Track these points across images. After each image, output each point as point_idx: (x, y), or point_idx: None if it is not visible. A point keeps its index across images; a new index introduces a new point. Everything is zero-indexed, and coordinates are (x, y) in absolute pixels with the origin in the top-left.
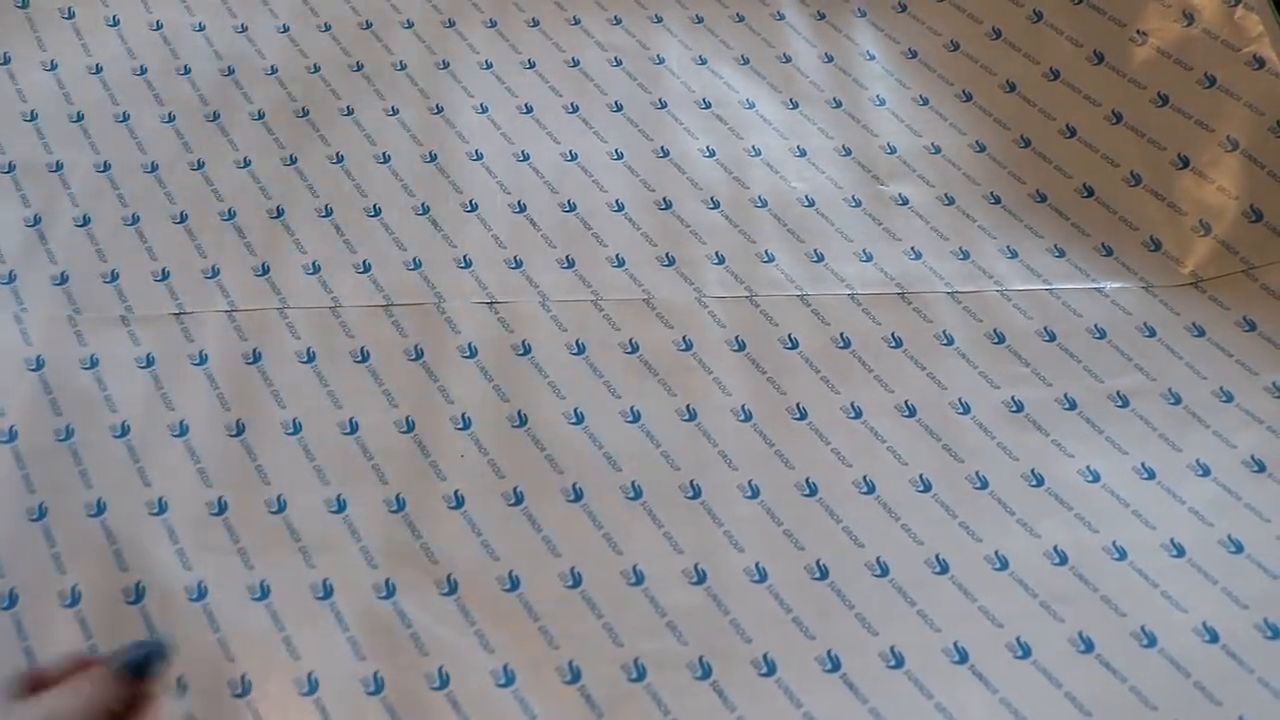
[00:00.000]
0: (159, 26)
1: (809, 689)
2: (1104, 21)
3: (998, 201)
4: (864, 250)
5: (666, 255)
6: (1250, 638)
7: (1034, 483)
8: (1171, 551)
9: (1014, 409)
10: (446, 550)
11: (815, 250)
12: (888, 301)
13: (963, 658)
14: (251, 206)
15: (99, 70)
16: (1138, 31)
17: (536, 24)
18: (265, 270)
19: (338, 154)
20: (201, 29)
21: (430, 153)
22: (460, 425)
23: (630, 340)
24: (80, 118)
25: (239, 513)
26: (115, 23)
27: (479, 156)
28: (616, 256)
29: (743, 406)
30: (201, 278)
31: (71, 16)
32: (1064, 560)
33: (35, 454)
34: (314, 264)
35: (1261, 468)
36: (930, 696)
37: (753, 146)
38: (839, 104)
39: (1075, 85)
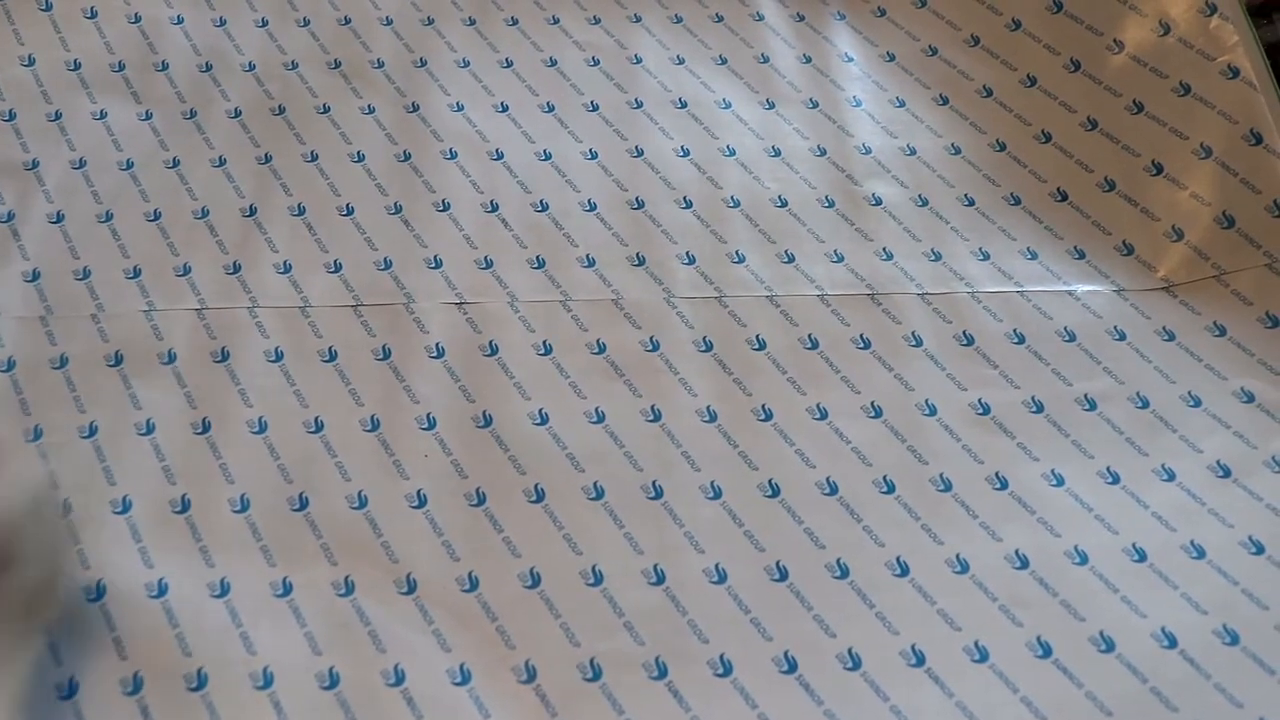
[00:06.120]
0: (137, 19)
1: (765, 690)
2: (1081, 30)
3: (971, 203)
4: (835, 251)
5: (637, 255)
6: (1208, 643)
7: (998, 486)
8: (1133, 556)
9: (980, 411)
10: (407, 549)
11: (786, 251)
12: (857, 302)
13: (920, 660)
14: (225, 205)
15: (77, 66)
16: (1114, 40)
17: (515, 23)
18: (237, 269)
19: (312, 152)
20: (180, 22)
21: (405, 151)
22: (425, 425)
23: (598, 341)
24: (58, 116)
25: (202, 511)
26: (93, 14)
27: (453, 155)
28: (587, 257)
29: (708, 407)
30: (173, 275)
31: (49, 9)
32: (1025, 564)
33: (3, 455)
34: (285, 263)
35: (1227, 473)
36: (886, 699)
37: (727, 146)
38: (815, 104)
39: (1051, 92)
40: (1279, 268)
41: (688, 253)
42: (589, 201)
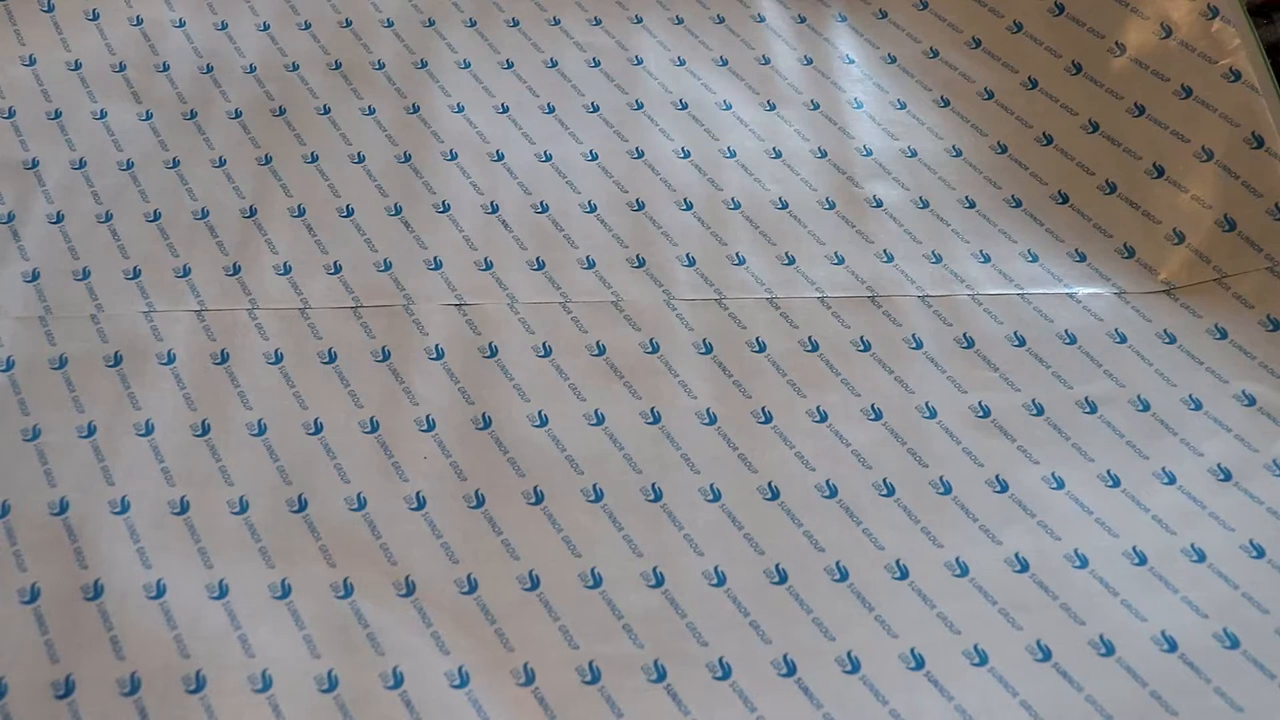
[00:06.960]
0: (139, 22)
1: (763, 693)
2: (1083, 33)
3: (972, 206)
4: (835, 253)
5: (637, 257)
6: (1209, 647)
7: (998, 489)
8: (1133, 560)
9: (981, 414)
10: (406, 551)
11: (786, 253)
12: (857, 304)
13: (919, 664)
14: (224, 206)
15: (78, 66)
16: (1116, 43)
17: (516, 24)
18: (236, 270)
19: (313, 154)
20: (181, 25)
21: (405, 153)
22: (424, 427)
23: (597, 343)
24: (58, 115)
25: (200, 512)
26: (95, 16)
27: (453, 156)
28: (587, 258)
29: (707, 410)
30: (173, 276)
31: (51, 10)
32: (1024, 567)
33: (1, 454)
34: (285, 265)
35: (1228, 476)
36: (885, 702)
37: (728, 148)
38: (816, 106)
39: (1053, 94)
40: None
41: (688, 254)
42: (589, 203)
